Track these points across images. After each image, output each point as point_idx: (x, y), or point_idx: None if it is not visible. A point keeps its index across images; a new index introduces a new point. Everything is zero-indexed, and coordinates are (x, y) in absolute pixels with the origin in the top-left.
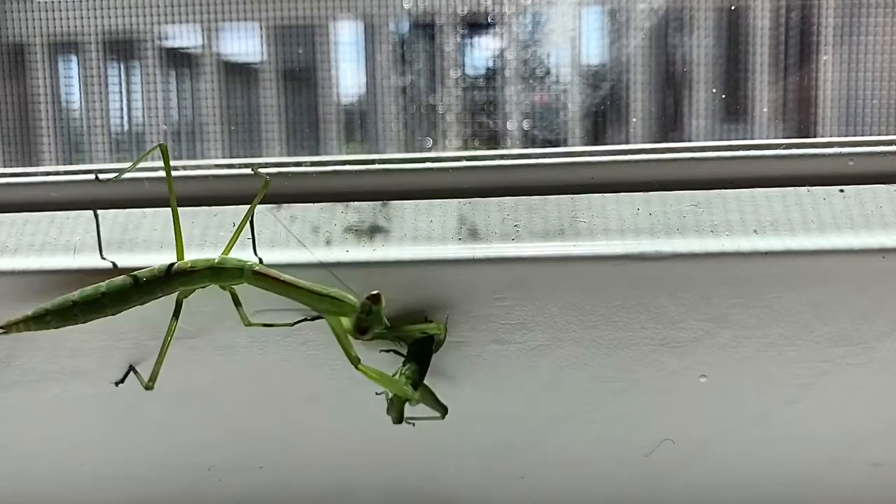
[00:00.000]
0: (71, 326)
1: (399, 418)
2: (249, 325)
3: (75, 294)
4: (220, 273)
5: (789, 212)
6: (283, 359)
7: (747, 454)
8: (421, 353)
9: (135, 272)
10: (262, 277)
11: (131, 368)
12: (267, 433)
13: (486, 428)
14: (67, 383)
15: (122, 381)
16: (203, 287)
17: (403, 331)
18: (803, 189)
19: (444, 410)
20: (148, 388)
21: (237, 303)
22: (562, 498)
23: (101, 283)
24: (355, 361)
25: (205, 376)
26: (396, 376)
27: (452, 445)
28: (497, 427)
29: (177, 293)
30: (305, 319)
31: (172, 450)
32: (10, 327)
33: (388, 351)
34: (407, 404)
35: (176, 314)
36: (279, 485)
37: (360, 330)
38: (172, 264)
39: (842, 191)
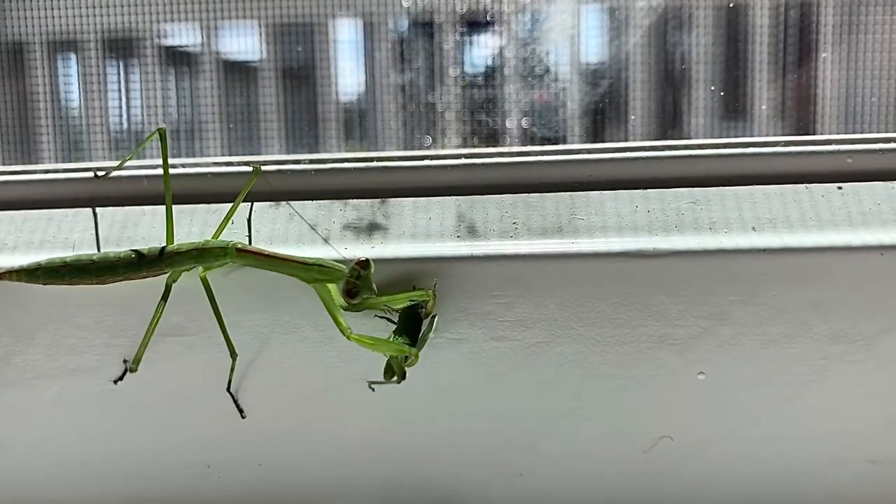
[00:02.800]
0: (68, 323)
1: (402, 376)
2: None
3: (69, 256)
4: (205, 253)
5: (787, 209)
6: (282, 356)
7: (746, 451)
8: (410, 320)
9: (134, 248)
10: (246, 254)
11: (127, 365)
12: (266, 431)
13: (484, 425)
14: (66, 381)
15: (120, 378)
16: (189, 269)
17: (391, 298)
18: (801, 186)
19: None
20: (132, 370)
21: (210, 293)
22: (560, 495)
23: (95, 252)
24: (346, 332)
25: (204, 374)
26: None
27: (451, 442)
28: (496, 424)
29: (166, 276)
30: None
31: (171, 448)
32: (2, 275)
33: (381, 317)
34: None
35: (164, 297)
36: (278, 482)
37: (350, 293)
38: (165, 247)
39: (840, 188)
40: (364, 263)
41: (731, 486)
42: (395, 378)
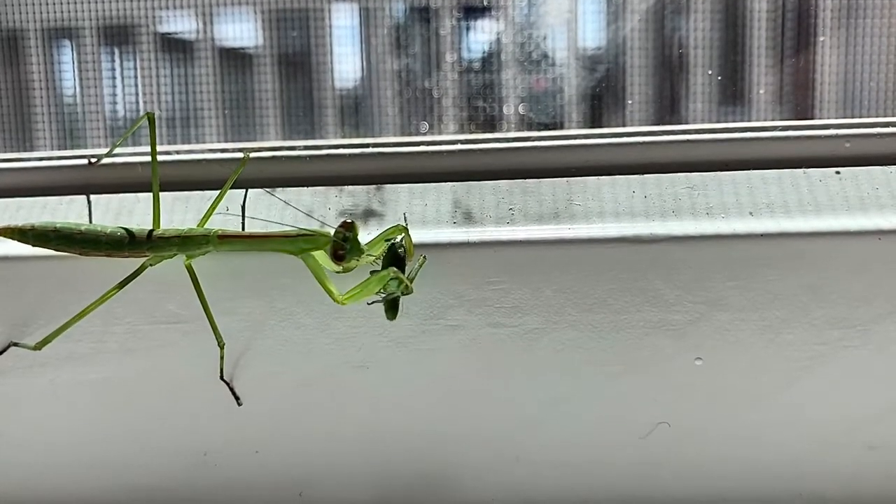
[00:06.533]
0: (62, 311)
1: (395, 311)
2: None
3: (59, 222)
4: (188, 241)
5: (785, 194)
6: (277, 343)
7: (743, 437)
8: (394, 261)
9: (123, 226)
10: (229, 239)
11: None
12: (262, 418)
13: (480, 411)
14: (61, 369)
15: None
16: (170, 257)
17: (370, 245)
18: (799, 171)
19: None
20: (36, 348)
21: (195, 282)
22: (557, 480)
23: (84, 223)
24: (338, 298)
25: (199, 361)
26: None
27: (448, 428)
28: (492, 410)
29: (143, 259)
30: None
31: (167, 435)
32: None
33: (375, 298)
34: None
35: (130, 278)
36: (275, 469)
37: (337, 256)
38: (152, 230)
39: (838, 172)
40: (348, 226)
41: (728, 471)
42: (391, 315)
